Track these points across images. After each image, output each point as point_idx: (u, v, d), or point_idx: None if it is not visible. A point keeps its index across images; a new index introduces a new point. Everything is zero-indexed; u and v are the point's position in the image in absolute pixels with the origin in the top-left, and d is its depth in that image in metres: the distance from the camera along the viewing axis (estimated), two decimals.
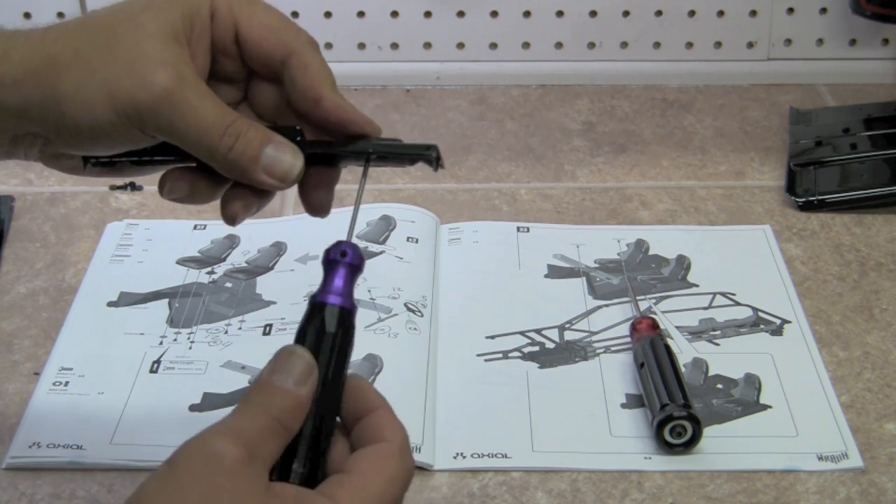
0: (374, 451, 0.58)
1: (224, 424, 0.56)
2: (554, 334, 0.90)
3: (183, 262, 0.97)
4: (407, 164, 0.66)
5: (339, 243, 0.61)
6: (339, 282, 0.60)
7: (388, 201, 1.03)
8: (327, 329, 0.59)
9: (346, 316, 0.60)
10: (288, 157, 0.64)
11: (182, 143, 0.63)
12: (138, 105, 0.61)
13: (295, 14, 1.22)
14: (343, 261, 0.60)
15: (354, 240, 0.62)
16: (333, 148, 0.66)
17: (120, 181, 1.07)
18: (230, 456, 0.54)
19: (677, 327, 0.90)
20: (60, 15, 1.19)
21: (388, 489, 0.57)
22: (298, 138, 0.65)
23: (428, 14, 1.23)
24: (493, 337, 0.89)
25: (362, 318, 0.89)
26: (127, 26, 0.62)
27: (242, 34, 0.65)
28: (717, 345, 0.89)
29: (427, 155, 0.64)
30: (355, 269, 0.60)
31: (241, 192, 0.66)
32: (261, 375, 0.58)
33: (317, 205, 0.68)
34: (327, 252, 0.61)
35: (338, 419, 0.60)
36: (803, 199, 1.04)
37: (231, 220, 0.66)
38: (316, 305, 0.60)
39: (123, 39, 0.62)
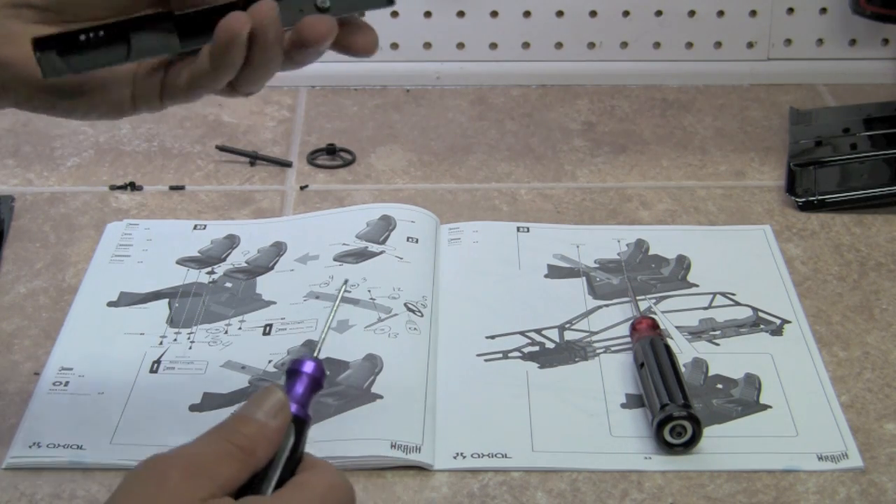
0: (313, 469, 0.60)
1: (178, 449, 0.58)
2: (554, 334, 0.90)
3: (183, 262, 0.97)
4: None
5: (303, 356, 0.63)
6: (298, 389, 0.62)
7: (388, 201, 1.03)
8: None
9: (299, 424, 0.61)
10: None
11: None
12: None
13: None
14: (304, 371, 0.62)
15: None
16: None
17: (119, 182, 1.07)
18: (174, 476, 0.56)
19: (677, 327, 0.90)
20: None
21: (330, 493, 0.59)
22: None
23: (428, 14, 1.23)
24: (493, 337, 0.89)
25: (362, 318, 0.90)
26: None
27: None
28: (717, 345, 0.89)
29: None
30: (316, 381, 0.63)
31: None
32: (236, 410, 0.60)
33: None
34: (291, 362, 0.63)
35: None
36: (803, 199, 1.04)
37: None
38: None
39: None
